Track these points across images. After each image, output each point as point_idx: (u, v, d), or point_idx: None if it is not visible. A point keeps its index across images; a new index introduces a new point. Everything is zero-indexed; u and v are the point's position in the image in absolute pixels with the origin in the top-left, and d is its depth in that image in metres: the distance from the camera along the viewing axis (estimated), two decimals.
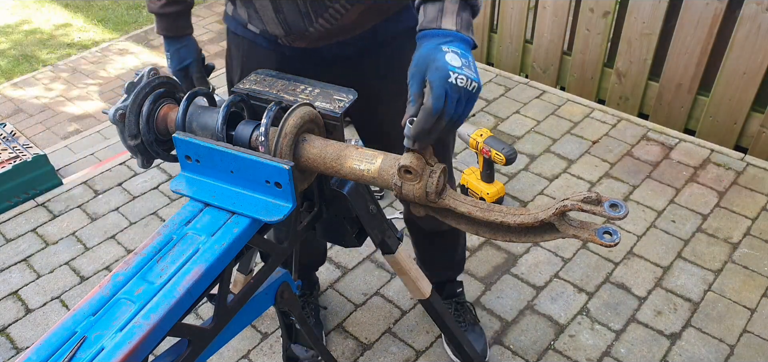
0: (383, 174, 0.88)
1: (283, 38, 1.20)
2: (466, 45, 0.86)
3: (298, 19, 1.14)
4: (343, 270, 2.21)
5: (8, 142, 2.72)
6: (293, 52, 1.23)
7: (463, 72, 0.82)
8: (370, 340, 1.97)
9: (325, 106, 0.97)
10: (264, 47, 1.26)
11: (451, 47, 0.84)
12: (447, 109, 0.82)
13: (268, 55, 1.26)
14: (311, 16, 1.13)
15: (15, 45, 4.34)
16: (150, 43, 4.24)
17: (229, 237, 0.86)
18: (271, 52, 1.25)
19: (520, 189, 2.54)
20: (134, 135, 0.98)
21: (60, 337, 0.74)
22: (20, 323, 2.08)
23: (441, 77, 0.81)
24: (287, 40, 1.19)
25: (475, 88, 0.83)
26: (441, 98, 0.81)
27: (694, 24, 2.63)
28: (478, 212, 0.86)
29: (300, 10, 1.12)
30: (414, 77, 0.85)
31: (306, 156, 0.91)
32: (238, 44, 1.32)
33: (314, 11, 1.12)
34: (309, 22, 1.14)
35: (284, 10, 1.13)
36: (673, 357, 1.88)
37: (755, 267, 2.15)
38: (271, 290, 1.08)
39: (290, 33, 1.17)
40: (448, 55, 0.83)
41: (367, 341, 1.96)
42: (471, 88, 0.83)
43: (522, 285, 2.12)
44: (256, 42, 1.27)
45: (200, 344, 0.88)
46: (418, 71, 0.84)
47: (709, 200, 2.44)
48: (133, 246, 2.37)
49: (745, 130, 2.71)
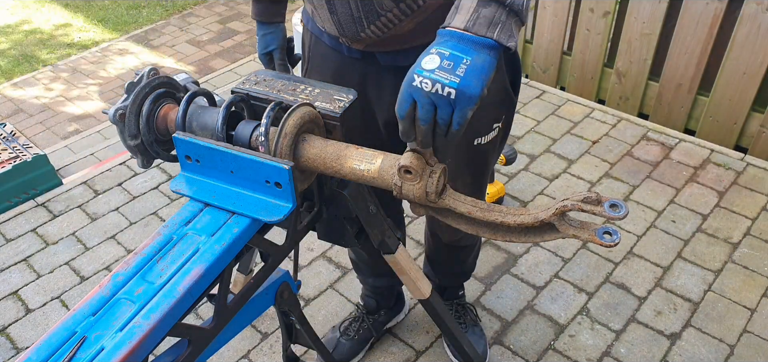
0: (383, 174, 0.88)
1: (341, 38, 1.19)
2: (467, 44, 0.78)
3: (350, 23, 1.12)
4: (343, 270, 2.21)
5: (8, 142, 2.72)
6: (351, 53, 1.22)
7: (433, 76, 0.75)
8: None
9: (325, 106, 0.97)
10: (326, 44, 1.26)
11: (440, 47, 0.78)
12: (418, 114, 0.78)
13: (330, 52, 1.26)
14: (363, 22, 1.11)
15: (15, 45, 4.34)
16: (150, 43, 4.24)
17: (229, 237, 0.86)
18: (332, 51, 1.25)
19: (520, 189, 2.54)
20: (134, 135, 0.98)
21: (60, 337, 0.74)
22: (20, 323, 2.09)
23: (406, 81, 0.78)
24: (344, 40, 1.19)
25: (453, 94, 0.75)
26: (403, 103, 0.78)
27: (694, 24, 2.63)
28: (478, 212, 0.86)
29: (353, 14, 1.11)
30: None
31: (306, 156, 0.91)
32: (307, 37, 1.33)
33: (366, 18, 1.10)
34: (361, 28, 1.12)
35: (338, 12, 1.12)
36: (673, 357, 1.88)
37: (755, 267, 2.15)
38: (271, 290, 1.08)
39: (344, 35, 1.16)
40: (426, 57, 0.77)
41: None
42: (444, 94, 0.75)
43: (522, 285, 2.12)
44: (321, 38, 1.27)
45: (200, 344, 0.88)
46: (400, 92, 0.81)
47: (709, 200, 2.44)
48: (133, 246, 2.37)
49: (745, 130, 2.71)
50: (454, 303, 1.92)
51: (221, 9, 4.61)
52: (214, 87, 3.53)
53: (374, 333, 1.93)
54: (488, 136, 1.32)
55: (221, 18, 4.48)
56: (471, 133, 1.29)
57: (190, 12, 4.61)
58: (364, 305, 1.91)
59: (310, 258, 2.26)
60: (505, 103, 1.30)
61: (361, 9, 1.09)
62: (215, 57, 3.99)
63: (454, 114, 0.77)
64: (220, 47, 4.10)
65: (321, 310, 2.07)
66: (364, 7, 1.09)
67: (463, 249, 1.73)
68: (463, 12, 0.80)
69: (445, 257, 1.78)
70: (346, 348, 1.88)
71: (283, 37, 1.39)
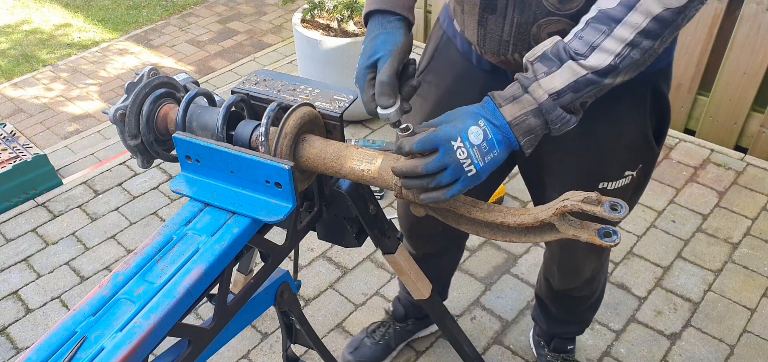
0: (383, 174, 0.88)
1: (475, 46, 1.12)
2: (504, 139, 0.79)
3: (495, 42, 1.04)
4: (343, 270, 2.21)
5: (8, 142, 2.72)
6: (480, 64, 1.15)
7: (471, 150, 0.76)
8: None
9: (325, 106, 0.97)
10: (457, 48, 1.19)
11: (487, 124, 0.79)
12: (428, 163, 0.77)
13: (458, 57, 1.20)
14: (510, 46, 1.03)
15: (15, 45, 4.34)
16: (150, 43, 4.24)
17: (229, 237, 0.86)
18: (461, 56, 1.19)
19: (521, 189, 2.54)
20: (134, 135, 0.98)
21: (60, 337, 0.74)
22: (20, 323, 2.08)
23: (447, 134, 0.77)
24: (479, 49, 1.11)
25: (471, 173, 0.77)
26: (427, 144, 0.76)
27: (694, 24, 2.63)
28: (478, 212, 0.86)
29: (501, 36, 1.02)
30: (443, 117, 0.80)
31: (306, 156, 0.91)
32: (438, 35, 1.25)
33: (515, 43, 1.02)
34: (504, 50, 1.04)
35: (487, 27, 1.04)
36: (673, 357, 1.88)
37: (755, 267, 2.15)
38: (271, 290, 1.08)
39: (483, 47, 1.09)
40: (473, 127, 0.77)
41: None
42: (467, 169, 0.77)
43: (522, 285, 2.12)
44: (453, 41, 1.20)
45: (200, 344, 0.87)
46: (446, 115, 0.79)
47: (709, 200, 2.44)
48: (133, 246, 2.37)
49: (745, 130, 2.71)
50: (560, 356, 1.79)
51: (221, 9, 4.61)
52: (214, 87, 3.53)
53: (398, 341, 1.88)
54: (617, 183, 1.17)
55: (221, 18, 4.48)
56: (596, 174, 1.17)
57: (190, 12, 4.61)
58: (393, 311, 1.87)
59: (310, 258, 2.26)
60: (642, 151, 1.15)
61: (513, 34, 1.01)
62: (215, 57, 3.99)
63: (455, 184, 0.78)
64: (220, 47, 4.10)
65: (321, 310, 2.07)
66: (516, 33, 1.00)
67: (576, 300, 1.60)
68: (517, 104, 0.80)
69: (554, 303, 1.67)
70: (368, 351, 1.85)
71: (404, 42, 0.95)
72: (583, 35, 0.80)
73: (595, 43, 0.79)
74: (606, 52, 0.79)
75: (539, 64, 0.82)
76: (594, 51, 0.79)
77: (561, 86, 0.79)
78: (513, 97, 0.81)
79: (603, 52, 0.79)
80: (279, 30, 4.26)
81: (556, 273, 1.51)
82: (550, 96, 0.79)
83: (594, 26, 0.79)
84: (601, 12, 0.79)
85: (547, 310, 1.72)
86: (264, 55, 3.83)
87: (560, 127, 0.83)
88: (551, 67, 0.80)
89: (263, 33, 4.24)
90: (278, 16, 4.45)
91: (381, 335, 1.86)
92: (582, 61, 0.79)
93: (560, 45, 0.81)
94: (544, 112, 0.80)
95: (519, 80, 0.83)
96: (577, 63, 0.80)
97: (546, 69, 0.81)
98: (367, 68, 0.94)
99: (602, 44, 0.79)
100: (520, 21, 0.97)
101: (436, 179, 0.79)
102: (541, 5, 0.93)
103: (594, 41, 0.79)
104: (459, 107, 0.84)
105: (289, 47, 3.85)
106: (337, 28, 2.90)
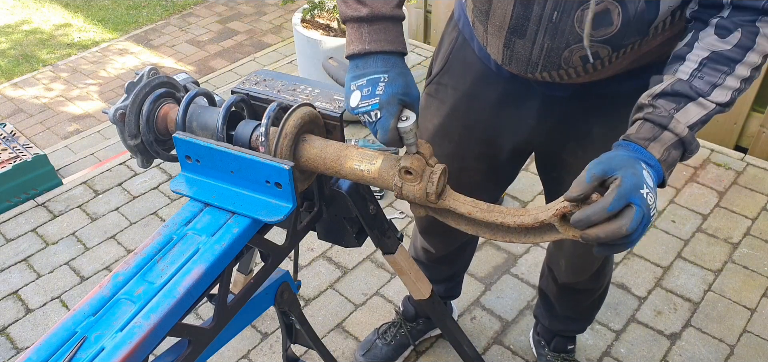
0: (384, 174, 0.88)
1: (498, 61, 1.12)
2: (658, 178, 0.84)
3: (523, 62, 1.05)
4: (343, 270, 2.21)
5: (8, 142, 2.72)
6: (499, 70, 1.14)
7: (650, 195, 0.78)
8: None
9: (325, 106, 0.97)
10: (474, 51, 1.19)
11: (651, 171, 0.81)
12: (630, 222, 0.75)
13: (475, 61, 1.19)
14: (538, 66, 1.04)
15: (15, 45, 4.34)
16: (150, 43, 4.24)
17: (229, 238, 0.86)
18: (479, 60, 1.18)
19: (521, 189, 2.54)
20: (134, 135, 0.98)
21: (60, 337, 0.74)
22: (20, 323, 2.08)
23: (635, 183, 0.76)
24: (504, 64, 1.11)
25: (653, 216, 0.79)
26: (622, 199, 0.75)
27: None
28: (478, 213, 0.86)
29: (529, 56, 1.03)
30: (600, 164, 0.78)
31: (306, 156, 0.91)
32: (452, 35, 1.24)
33: (544, 65, 1.03)
34: (533, 69, 1.05)
35: (513, 48, 1.04)
36: (673, 357, 1.88)
37: (755, 267, 2.15)
38: (271, 290, 1.08)
39: (508, 64, 1.09)
40: (643, 171, 0.79)
41: None
42: (652, 213, 0.78)
43: (522, 285, 2.12)
44: (470, 43, 1.19)
45: (200, 344, 0.87)
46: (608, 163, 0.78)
47: (709, 200, 2.44)
48: (133, 246, 2.37)
49: (745, 130, 2.71)
50: (560, 356, 1.79)
51: (221, 9, 4.61)
52: (214, 87, 3.53)
53: (411, 341, 1.88)
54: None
55: (221, 18, 4.48)
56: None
57: (190, 12, 4.61)
58: (403, 310, 1.87)
59: (310, 258, 2.26)
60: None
61: (542, 57, 1.02)
62: (215, 57, 3.99)
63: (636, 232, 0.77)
64: (220, 47, 4.10)
65: (321, 310, 2.07)
66: (546, 56, 1.01)
67: (581, 293, 1.60)
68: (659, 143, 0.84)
69: (558, 298, 1.66)
70: (381, 352, 1.85)
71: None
72: (704, 76, 0.87)
73: (718, 82, 0.87)
74: (728, 89, 0.87)
75: (664, 101, 0.87)
76: (716, 88, 0.87)
77: (695, 119, 0.86)
78: (653, 137, 0.85)
79: (725, 89, 0.87)
80: (279, 30, 4.26)
81: (564, 266, 1.51)
82: (690, 129, 0.86)
83: (713, 67, 0.87)
84: (716, 53, 0.87)
85: (551, 306, 1.71)
86: (264, 55, 3.83)
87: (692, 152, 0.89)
88: (679, 104, 0.86)
89: (263, 33, 4.24)
90: (278, 16, 4.45)
91: (392, 336, 1.86)
92: (708, 97, 0.87)
93: (679, 84, 0.87)
94: (686, 143, 0.86)
95: (651, 121, 0.86)
96: (706, 99, 0.87)
97: (674, 105, 0.86)
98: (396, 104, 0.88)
99: (724, 83, 0.87)
100: (551, 46, 1.00)
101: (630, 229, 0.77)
102: (574, 31, 0.96)
103: (715, 81, 0.87)
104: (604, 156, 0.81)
105: (289, 47, 3.85)
106: (337, 28, 2.90)
